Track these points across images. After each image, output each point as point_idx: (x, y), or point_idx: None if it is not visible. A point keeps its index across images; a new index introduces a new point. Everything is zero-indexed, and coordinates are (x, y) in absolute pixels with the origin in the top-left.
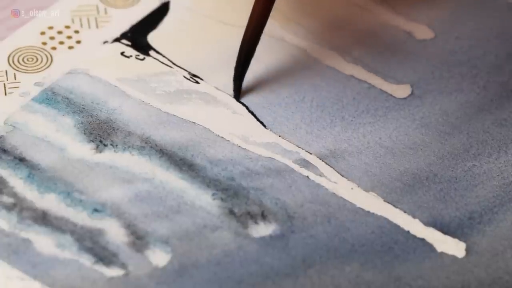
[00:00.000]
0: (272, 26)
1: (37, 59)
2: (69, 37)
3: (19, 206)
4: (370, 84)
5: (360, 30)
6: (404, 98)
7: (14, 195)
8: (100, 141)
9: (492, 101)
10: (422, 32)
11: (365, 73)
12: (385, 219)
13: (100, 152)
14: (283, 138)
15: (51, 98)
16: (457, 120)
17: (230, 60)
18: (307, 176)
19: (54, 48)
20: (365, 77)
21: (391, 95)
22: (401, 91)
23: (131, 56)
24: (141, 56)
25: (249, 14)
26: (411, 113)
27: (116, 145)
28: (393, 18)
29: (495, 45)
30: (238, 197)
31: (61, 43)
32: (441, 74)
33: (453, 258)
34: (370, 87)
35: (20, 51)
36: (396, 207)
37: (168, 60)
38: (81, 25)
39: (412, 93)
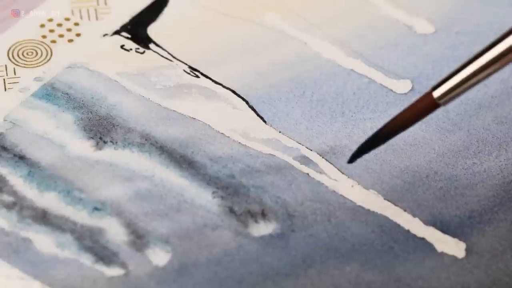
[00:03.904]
0: (272, 18)
1: (36, 53)
2: (69, 30)
3: (19, 205)
4: (370, 79)
5: (361, 23)
6: (405, 94)
7: (14, 193)
8: (100, 138)
9: (492, 98)
10: (423, 26)
11: (365, 67)
12: (385, 217)
13: (100, 149)
14: (283, 134)
15: (51, 93)
16: (457, 116)
17: (231, 53)
18: (307, 174)
19: (53, 42)
20: (365, 72)
21: (391, 90)
22: (402, 86)
23: (131, 49)
24: (141, 50)
25: (250, 5)
26: None
27: (116, 142)
28: (394, 12)
29: None
30: (238, 195)
31: (61, 36)
32: (442, 69)
33: (453, 258)
34: (370, 81)
35: (20, 44)
36: (396, 205)
37: (168, 53)
38: (81, 17)
39: (412, 89)
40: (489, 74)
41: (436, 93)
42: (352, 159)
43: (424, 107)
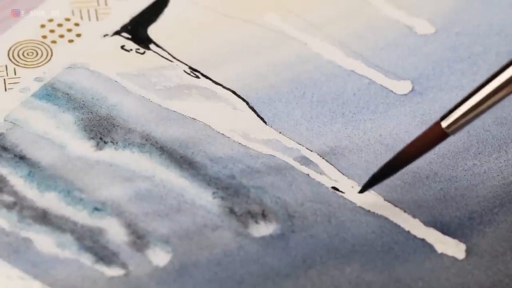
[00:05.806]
0: (272, 19)
1: (37, 53)
2: (69, 30)
3: (19, 205)
4: (370, 80)
5: (361, 24)
6: (405, 95)
7: (15, 193)
8: (101, 138)
9: None
10: (423, 27)
11: (366, 68)
12: (386, 218)
13: (101, 149)
14: (283, 134)
15: (51, 94)
16: None
17: (231, 53)
18: (308, 174)
19: (54, 42)
20: (366, 72)
21: (391, 91)
22: (402, 87)
23: (131, 50)
24: (142, 50)
25: (251, 6)
26: (411, 110)
27: (117, 142)
28: (394, 12)
29: (495, 41)
30: (239, 196)
31: (61, 36)
32: (442, 70)
33: (453, 259)
34: (370, 82)
35: (20, 45)
36: (396, 206)
37: (168, 53)
38: (81, 18)
39: (412, 89)
40: (497, 101)
41: (445, 123)
42: (363, 190)
43: (433, 137)
